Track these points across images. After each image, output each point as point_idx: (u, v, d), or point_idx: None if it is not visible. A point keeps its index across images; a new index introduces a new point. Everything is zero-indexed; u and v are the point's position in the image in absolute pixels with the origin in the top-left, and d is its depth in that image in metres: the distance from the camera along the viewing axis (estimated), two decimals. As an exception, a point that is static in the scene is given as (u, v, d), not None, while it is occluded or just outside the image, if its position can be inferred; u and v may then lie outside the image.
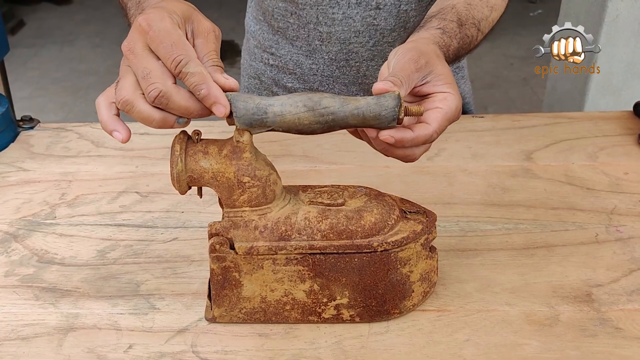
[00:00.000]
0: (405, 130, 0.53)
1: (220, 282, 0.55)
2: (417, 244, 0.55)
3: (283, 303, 0.55)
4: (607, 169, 0.79)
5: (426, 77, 0.56)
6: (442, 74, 0.56)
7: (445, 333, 0.55)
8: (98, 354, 0.53)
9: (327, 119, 0.51)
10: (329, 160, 0.81)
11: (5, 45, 1.06)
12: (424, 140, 0.53)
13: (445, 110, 0.54)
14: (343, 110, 0.51)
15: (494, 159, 0.81)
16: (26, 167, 0.82)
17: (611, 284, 0.60)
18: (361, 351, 0.54)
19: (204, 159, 0.53)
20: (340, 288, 0.55)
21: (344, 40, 0.87)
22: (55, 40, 3.55)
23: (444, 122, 0.54)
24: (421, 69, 0.55)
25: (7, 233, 0.69)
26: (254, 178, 0.53)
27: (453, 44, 0.64)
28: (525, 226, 0.69)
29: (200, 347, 0.54)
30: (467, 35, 0.67)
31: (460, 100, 0.56)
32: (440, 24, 0.65)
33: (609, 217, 0.70)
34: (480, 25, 0.70)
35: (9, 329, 0.56)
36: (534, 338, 0.55)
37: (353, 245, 0.53)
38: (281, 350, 0.54)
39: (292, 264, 0.54)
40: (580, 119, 0.91)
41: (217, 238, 0.53)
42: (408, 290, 0.56)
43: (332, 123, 0.51)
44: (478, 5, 0.71)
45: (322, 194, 0.56)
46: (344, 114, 0.51)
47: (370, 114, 0.51)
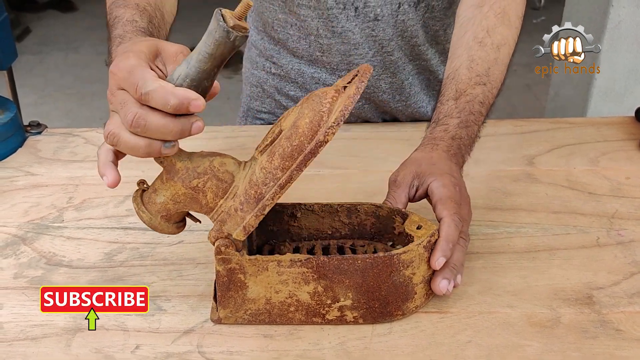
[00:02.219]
0: (437, 242, 0.57)
1: (226, 284, 0.55)
2: (420, 246, 0.55)
3: (287, 305, 0.56)
4: (609, 173, 0.79)
5: (413, 184, 0.62)
6: (421, 172, 0.62)
7: (448, 334, 0.56)
8: (106, 354, 0.54)
9: (191, 84, 0.50)
10: (333, 165, 0.82)
11: (13, 52, 1.07)
12: (453, 231, 0.57)
13: (439, 198, 0.59)
14: (193, 67, 0.49)
15: (496, 164, 0.82)
16: (34, 171, 0.83)
17: (612, 286, 0.61)
18: (364, 352, 0.54)
19: (157, 196, 0.55)
20: (343, 290, 0.55)
21: (344, 52, 0.88)
22: (61, 47, 3.57)
23: (448, 204, 0.58)
24: (400, 184, 0.62)
25: (15, 236, 0.70)
26: (200, 175, 0.53)
27: (452, 122, 0.67)
28: (526, 230, 0.69)
29: (206, 347, 0.55)
30: (469, 100, 0.69)
31: (446, 175, 0.61)
32: (436, 114, 0.70)
33: (610, 221, 0.71)
34: (489, 73, 0.71)
35: (18, 329, 0.57)
36: (536, 339, 0.55)
37: (307, 154, 0.51)
38: (285, 351, 0.54)
39: (297, 266, 0.55)
40: (582, 125, 0.91)
41: (222, 240, 0.54)
42: (411, 292, 0.57)
43: (199, 82, 0.50)
44: (482, 55, 0.72)
45: (267, 137, 0.56)
46: (196, 69, 0.49)
47: (209, 45, 0.48)
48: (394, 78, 0.91)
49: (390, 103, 0.93)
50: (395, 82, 0.92)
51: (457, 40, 0.75)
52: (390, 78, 0.91)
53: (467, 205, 0.61)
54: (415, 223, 0.59)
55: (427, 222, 0.58)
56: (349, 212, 0.63)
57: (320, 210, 0.63)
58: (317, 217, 0.63)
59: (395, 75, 0.91)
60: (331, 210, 0.63)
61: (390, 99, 0.93)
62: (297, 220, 0.63)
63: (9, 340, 0.56)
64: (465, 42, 0.74)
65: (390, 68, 0.90)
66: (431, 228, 0.57)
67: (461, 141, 0.66)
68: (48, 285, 0.62)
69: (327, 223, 0.63)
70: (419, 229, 0.58)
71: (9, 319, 0.58)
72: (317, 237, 0.64)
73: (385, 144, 0.88)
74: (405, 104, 0.94)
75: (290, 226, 0.63)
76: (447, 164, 0.63)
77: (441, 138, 0.66)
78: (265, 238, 0.64)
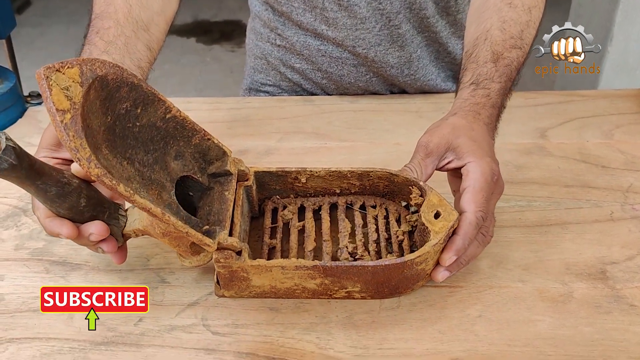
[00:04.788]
0: (453, 238, 0.53)
1: (228, 278, 0.54)
2: (437, 245, 0.52)
3: (293, 290, 0.55)
4: (623, 146, 0.77)
5: (446, 156, 0.57)
6: (459, 145, 0.56)
7: (458, 309, 0.55)
8: (108, 326, 0.53)
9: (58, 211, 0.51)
10: (340, 137, 0.80)
11: (12, 20, 1.05)
12: (472, 230, 0.53)
13: (471, 185, 0.54)
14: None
15: (508, 137, 0.80)
16: (34, 142, 0.81)
17: (626, 261, 0.60)
18: (372, 326, 0.53)
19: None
20: (352, 283, 0.54)
21: (350, 27, 0.85)
22: (62, 19, 3.53)
23: (479, 197, 0.53)
24: (431, 153, 0.56)
25: (16, 207, 0.69)
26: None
27: (493, 87, 0.62)
28: (538, 204, 0.68)
29: (210, 320, 0.54)
30: (508, 64, 0.64)
31: (488, 160, 0.55)
32: (474, 75, 0.63)
33: (625, 195, 0.69)
34: (523, 36, 0.67)
35: (20, 301, 0.56)
36: (547, 314, 0.54)
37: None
38: (292, 324, 0.53)
39: (302, 270, 0.53)
40: (595, 97, 0.89)
41: (221, 253, 0.52)
42: (422, 277, 0.55)
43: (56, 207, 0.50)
44: (514, 17, 0.67)
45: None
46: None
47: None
48: (402, 51, 0.89)
49: (399, 77, 0.91)
50: (404, 56, 0.89)
51: (482, 3, 0.71)
52: (398, 52, 0.89)
53: (498, 196, 0.57)
54: (434, 208, 0.54)
55: (446, 208, 0.54)
56: (360, 176, 0.60)
57: (327, 175, 0.60)
58: (325, 180, 0.61)
59: (403, 49, 0.89)
60: (340, 175, 0.60)
61: (399, 73, 0.91)
62: (303, 184, 0.61)
63: (11, 312, 0.55)
64: (493, 4, 0.69)
65: (397, 42, 0.87)
66: (451, 218, 0.53)
67: (499, 110, 0.62)
68: (49, 257, 0.61)
69: (336, 184, 0.61)
70: (437, 219, 0.53)
71: (10, 290, 0.57)
72: (324, 194, 0.61)
73: (394, 116, 0.86)
74: (414, 77, 0.92)
75: (295, 185, 0.61)
76: (488, 142, 0.58)
77: (483, 105, 0.61)
78: (268, 194, 0.62)
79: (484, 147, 0.57)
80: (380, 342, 0.52)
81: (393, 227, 0.59)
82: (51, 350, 0.51)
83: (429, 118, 0.85)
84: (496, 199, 0.57)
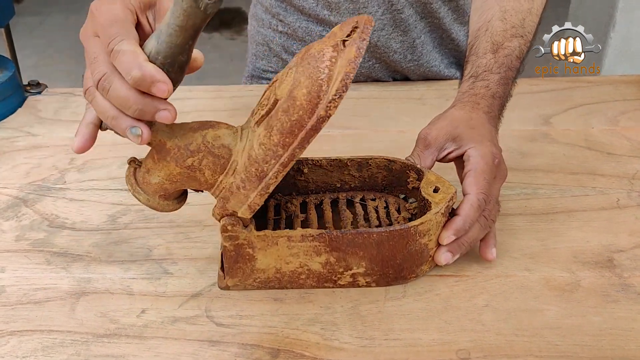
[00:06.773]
0: (453, 218, 0.54)
1: (234, 257, 0.53)
2: (438, 214, 0.53)
3: (298, 273, 0.54)
4: (629, 133, 0.76)
5: (446, 147, 0.58)
6: (458, 135, 0.57)
7: (464, 298, 0.54)
8: (111, 318, 0.53)
9: (165, 60, 0.45)
10: (343, 125, 0.80)
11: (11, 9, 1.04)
12: (474, 212, 0.53)
13: (472, 169, 0.55)
14: (163, 42, 0.44)
15: (512, 123, 0.79)
16: (34, 132, 0.81)
17: (634, 249, 0.59)
18: (378, 316, 0.53)
19: (151, 176, 0.51)
20: (357, 260, 0.53)
21: (352, 11, 0.84)
22: (61, 8, 3.51)
23: (480, 180, 0.54)
24: (430, 144, 0.58)
25: (17, 198, 0.68)
26: (194, 154, 0.49)
27: (492, 78, 0.62)
28: (544, 191, 0.67)
29: (214, 311, 0.53)
30: (508, 53, 0.64)
31: (487, 144, 0.56)
32: (473, 67, 0.64)
33: (631, 182, 0.68)
34: (525, 24, 0.67)
35: (21, 292, 0.55)
36: (554, 303, 0.53)
37: (309, 130, 0.46)
38: (296, 315, 0.53)
39: (308, 240, 0.52)
40: (600, 83, 0.88)
41: (228, 219, 0.51)
42: (426, 257, 0.55)
43: (173, 58, 0.45)
44: (515, 5, 0.67)
45: (262, 103, 0.51)
46: (167, 44, 0.44)
47: (177, 17, 0.43)
48: (405, 37, 0.88)
49: (402, 63, 0.90)
50: (407, 41, 0.88)
51: None
52: (401, 37, 0.88)
53: (501, 180, 0.57)
54: (432, 184, 0.56)
55: (444, 183, 0.55)
56: (360, 166, 0.60)
57: (328, 165, 0.60)
58: (325, 172, 0.61)
59: (407, 34, 0.88)
60: (340, 165, 0.60)
61: (402, 59, 0.90)
62: (304, 175, 0.61)
63: (12, 304, 0.54)
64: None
65: (400, 26, 0.86)
66: (449, 191, 0.54)
67: (500, 100, 0.62)
68: (50, 248, 0.60)
69: (336, 176, 0.61)
70: (436, 192, 0.55)
71: (11, 282, 0.57)
72: (325, 190, 0.61)
73: (397, 103, 0.85)
74: (417, 63, 0.91)
75: (297, 180, 0.61)
76: (488, 129, 0.59)
77: (483, 95, 0.61)
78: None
79: (483, 132, 0.58)
80: (386, 332, 0.51)
81: (393, 215, 0.59)
82: (53, 343, 0.51)
83: (432, 105, 0.84)
84: (499, 183, 0.57)
